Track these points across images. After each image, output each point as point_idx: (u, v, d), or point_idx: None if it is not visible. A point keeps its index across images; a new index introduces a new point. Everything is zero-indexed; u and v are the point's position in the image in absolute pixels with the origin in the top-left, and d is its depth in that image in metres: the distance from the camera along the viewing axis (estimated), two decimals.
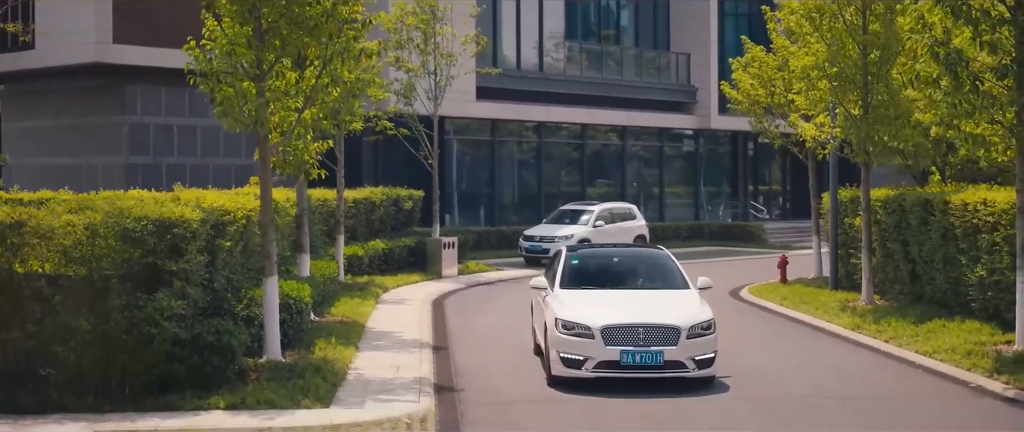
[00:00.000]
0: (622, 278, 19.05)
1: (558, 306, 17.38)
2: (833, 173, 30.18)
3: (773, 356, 20.33)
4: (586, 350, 16.55)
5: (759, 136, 36.02)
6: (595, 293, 18.18)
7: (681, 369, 16.57)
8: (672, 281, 18.72)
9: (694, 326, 16.73)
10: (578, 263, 19.24)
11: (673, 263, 19.26)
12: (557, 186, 50.84)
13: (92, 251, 14.99)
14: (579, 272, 18.89)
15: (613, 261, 19.72)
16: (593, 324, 16.63)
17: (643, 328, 16.52)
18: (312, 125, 18.32)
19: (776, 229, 55.13)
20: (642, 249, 22.08)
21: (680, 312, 16.99)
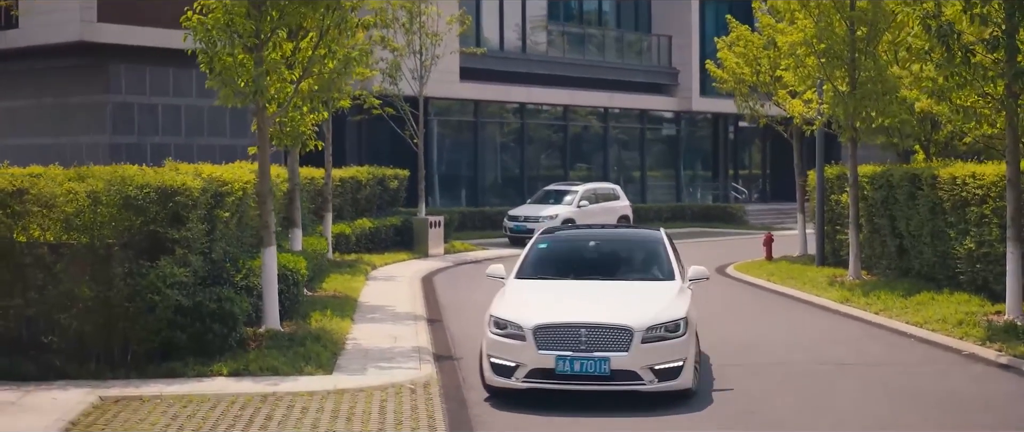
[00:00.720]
0: (594, 266, 15.69)
1: (498, 300, 14.54)
2: (819, 150, 30.35)
3: (764, 328, 20.49)
4: (517, 355, 13.50)
5: (742, 117, 36.27)
6: (554, 284, 15.00)
7: (633, 381, 13.39)
8: (656, 270, 15.41)
9: (654, 327, 13.44)
10: (546, 248, 15.99)
11: (664, 249, 15.78)
12: (539, 168, 50.96)
13: (94, 219, 15.02)
14: (543, 259, 15.72)
15: (589, 246, 16.47)
16: (525, 323, 13.54)
17: (586, 329, 13.37)
18: (308, 96, 18.35)
19: (757, 211, 55.41)
20: (632, 231, 19.10)
21: (640, 309, 13.77)
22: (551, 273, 15.42)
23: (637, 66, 54.90)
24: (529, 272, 15.41)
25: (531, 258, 15.70)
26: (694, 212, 53.45)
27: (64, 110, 37.99)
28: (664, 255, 15.65)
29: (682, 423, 12.91)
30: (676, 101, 55.62)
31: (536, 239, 16.29)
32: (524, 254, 15.78)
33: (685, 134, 57.55)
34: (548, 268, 15.55)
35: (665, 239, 16.14)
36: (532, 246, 15.97)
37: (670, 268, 15.35)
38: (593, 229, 19.41)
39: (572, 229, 18.73)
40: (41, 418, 12.52)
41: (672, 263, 15.43)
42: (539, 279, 15.20)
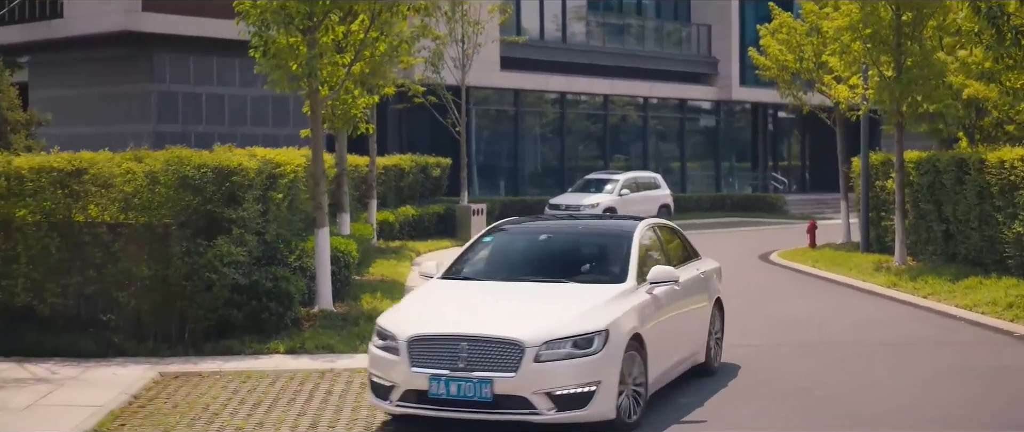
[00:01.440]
0: (539, 266, 12.91)
1: (398, 304, 12.77)
2: (864, 135, 30.27)
3: (812, 310, 20.50)
4: (392, 372, 11.13)
5: (782, 107, 36.18)
6: (478, 286, 12.51)
7: (523, 410, 10.78)
8: (609, 271, 12.58)
9: (554, 341, 10.80)
10: (490, 242, 13.60)
11: (628, 246, 12.80)
12: (578, 159, 50.99)
13: (152, 198, 15.20)
14: (482, 256, 13.38)
15: (540, 240, 13.64)
16: (401, 333, 11.15)
17: (467, 342, 10.84)
18: (359, 79, 18.47)
19: (797, 201, 55.27)
20: (604, 224, 14.86)
21: (543, 318, 11.17)
22: (485, 273, 12.91)
23: (676, 56, 54.87)
24: (459, 271, 12.96)
25: (468, 255, 13.32)
26: (734, 202, 53.38)
27: (109, 99, 38.29)
28: (625, 253, 12.64)
29: (725, 404, 12.95)
30: (715, 91, 55.57)
31: (484, 231, 13.94)
32: (463, 249, 13.50)
33: (724, 124, 57.51)
34: (484, 267, 13.11)
35: (639, 234, 13.06)
36: (475, 240, 13.68)
37: (625, 268, 12.39)
38: (558, 221, 15.96)
39: (532, 221, 14.87)
40: (105, 392, 12.69)
41: (631, 263, 12.44)
42: (467, 280, 12.71)
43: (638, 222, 13.56)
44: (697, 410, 12.28)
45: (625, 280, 12.18)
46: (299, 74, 17.19)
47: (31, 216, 15.16)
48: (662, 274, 12.40)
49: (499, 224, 14.18)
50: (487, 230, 13.94)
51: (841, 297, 22.71)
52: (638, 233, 13.05)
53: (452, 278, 12.78)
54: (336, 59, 17.72)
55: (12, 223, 15.16)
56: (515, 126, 48.46)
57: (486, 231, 13.90)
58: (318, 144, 17.50)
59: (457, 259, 13.21)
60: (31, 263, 15.14)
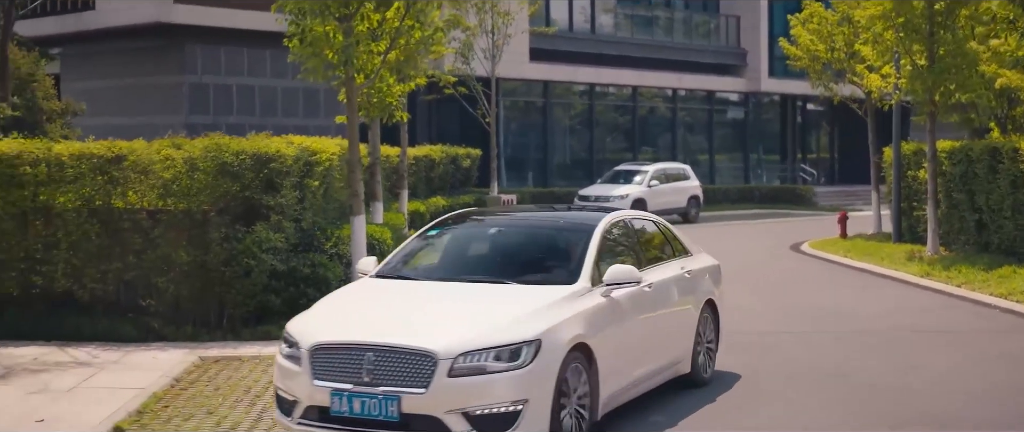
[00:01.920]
0: (484, 264, 11.55)
1: (314, 306, 11.14)
2: (896, 124, 30.21)
3: (846, 299, 20.48)
4: (295, 386, 9.82)
5: (810, 99, 36.11)
6: (406, 287, 11.07)
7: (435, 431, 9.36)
8: (560, 270, 10.97)
9: (473, 353, 9.36)
10: (434, 236, 12.17)
11: (586, 242, 11.22)
12: (606, 151, 51.01)
13: (191, 185, 15.30)
14: (423, 251, 12.02)
15: (489, 236, 12.16)
16: (305, 340, 9.84)
17: (374, 352, 9.46)
18: (395, 67, 18.53)
19: (826, 193, 55.18)
20: (562, 217, 12.75)
21: (466, 325, 9.71)
22: (423, 271, 11.52)
23: (705, 47, 54.85)
24: (395, 269, 11.53)
25: (407, 250, 11.93)
26: (762, 194, 53.33)
27: (140, 91, 38.47)
28: (581, 251, 11.07)
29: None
30: (744, 82, 55.52)
31: (430, 225, 12.57)
32: (404, 243, 12.16)
33: (753, 115, 57.44)
34: (424, 264, 11.76)
35: (603, 229, 11.49)
36: (418, 234, 12.35)
37: (577, 268, 10.81)
38: (516, 215, 13.77)
39: (486, 215, 13.22)
40: (146, 375, 12.80)
41: (586, 261, 10.89)
42: (401, 279, 11.29)
43: (605, 215, 11.98)
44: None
45: (576, 281, 10.57)
46: (335, 62, 17.23)
47: (71, 202, 15.29)
48: (620, 274, 10.67)
49: (452, 215, 12.80)
50: (436, 222, 12.44)
51: (874, 286, 22.68)
52: (602, 227, 11.44)
53: (385, 277, 11.31)
54: (371, 47, 17.75)
55: (52, 209, 15.30)
56: (544, 118, 48.52)
57: (434, 223, 12.44)
58: (354, 132, 17.54)
59: (395, 254, 11.80)
60: (71, 249, 15.27)
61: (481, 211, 13.31)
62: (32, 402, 11.50)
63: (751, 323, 17.15)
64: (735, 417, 11.36)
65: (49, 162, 15.28)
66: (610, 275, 10.66)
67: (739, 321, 17.11)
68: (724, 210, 47.49)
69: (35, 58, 24.15)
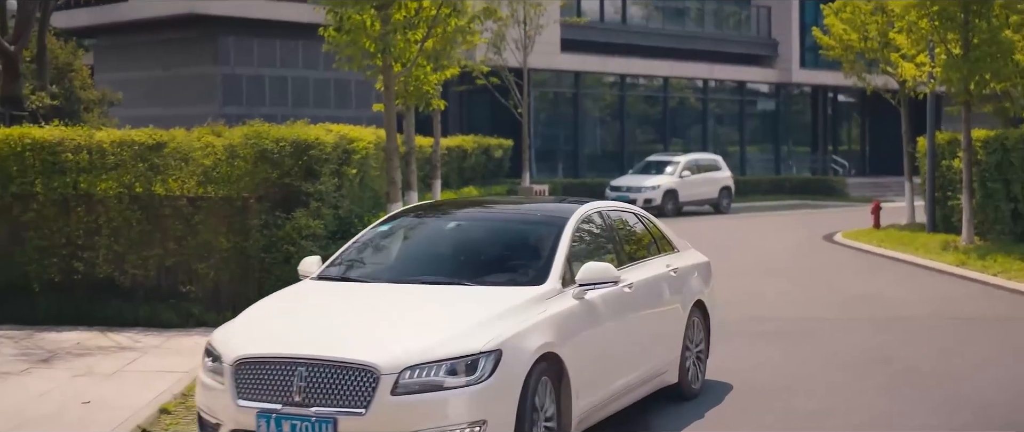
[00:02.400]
0: (438, 263, 10.08)
1: (242, 314, 9.58)
2: (930, 114, 30.11)
3: (882, 287, 20.45)
4: (217, 406, 8.57)
5: (844, 88, 36.01)
6: (351, 290, 9.66)
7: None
8: (527, 269, 9.57)
9: (419, 366, 8.03)
10: (388, 231, 10.68)
11: (556, 238, 9.84)
12: (637, 142, 51.01)
13: (231, 172, 15.38)
14: (372, 249, 10.48)
15: (447, 231, 10.66)
16: (227, 353, 8.49)
17: (305, 367, 8.14)
18: (432, 55, 18.59)
19: (857, 184, 55.05)
20: (530, 210, 11.28)
21: (414, 335, 8.34)
22: (372, 272, 10.05)
23: (736, 37, 54.80)
24: (340, 269, 10.12)
25: (355, 248, 10.45)
26: (794, 185, 53.23)
27: (174, 82, 38.66)
28: (551, 247, 9.69)
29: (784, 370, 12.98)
30: (775, 73, 55.43)
31: (383, 218, 11.23)
32: (352, 240, 10.70)
33: (784, 106, 57.33)
34: (372, 264, 10.26)
35: (575, 222, 10.15)
36: (371, 228, 10.93)
37: (546, 267, 9.45)
38: (478, 208, 11.91)
39: (446, 207, 11.52)
40: (189, 359, 12.87)
41: (555, 259, 9.52)
42: (346, 281, 9.86)
43: (578, 207, 10.52)
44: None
45: (544, 281, 9.23)
46: (372, 50, 17.31)
47: (112, 189, 15.39)
48: (595, 273, 9.34)
49: (406, 209, 11.40)
50: (388, 216, 11.11)
51: (909, 275, 22.63)
52: (574, 220, 10.11)
53: (328, 279, 9.93)
54: (408, 36, 17.83)
55: (94, 196, 15.41)
56: (574, 109, 48.55)
57: (386, 217, 11.05)
58: (391, 120, 17.63)
59: (342, 253, 10.37)
60: (112, 235, 15.38)
61: (441, 203, 11.72)
62: (77, 385, 11.60)
63: (788, 310, 17.18)
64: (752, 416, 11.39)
65: (90, 149, 15.40)
66: (583, 274, 9.31)
67: (776, 308, 17.15)
68: (755, 201, 47.43)
69: (72, 48, 24.34)
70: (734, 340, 14.43)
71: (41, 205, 15.37)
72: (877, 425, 10.30)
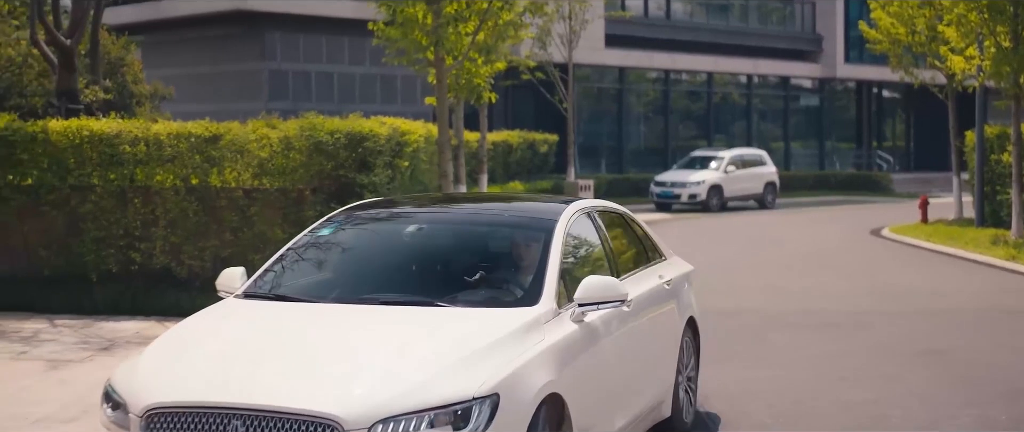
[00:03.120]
0: (398, 277, 8.09)
1: (149, 347, 7.40)
2: (979, 108, 29.98)
3: (932, 281, 20.39)
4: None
5: (889, 83, 35.87)
6: (289, 312, 7.60)
7: None
8: (513, 286, 7.79)
9: (399, 418, 6.18)
10: (331, 234, 8.54)
11: (545, 245, 7.93)
12: (680, 138, 50.97)
13: (286, 164, 15.52)
14: (312, 258, 8.36)
15: (407, 235, 8.57)
16: (135, 399, 6.55)
17: (244, 418, 6.25)
18: (483, 48, 18.68)
19: (902, 179, 54.80)
20: (509, 210, 9.25)
21: (384, 374, 6.45)
22: (312, 288, 7.93)
23: (780, 32, 54.66)
24: (272, 285, 7.95)
25: (290, 256, 8.28)
26: (838, 181, 53.03)
27: (220, 78, 38.92)
28: (540, 257, 7.79)
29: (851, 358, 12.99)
30: (820, 68, 55.26)
31: (320, 222, 8.76)
32: (283, 249, 8.39)
33: (828, 101, 57.16)
34: (312, 278, 8.12)
35: (564, 226, 8.17)
36: (306, 233, 8.63)
37: (538, 283, 7.53)
38: (440, 207, 9.59)
39: (401, 205, 9.43)
40: None
41: (547, 273, 7.60)
42: (280, 300, 7.74)
43: (565, 206, 8.56)
44: None
45: (537, 301, 7.28)
46: (424, 44, 17.42)
47: (169, 181, 15.56)
48: (598, 290, 7.41)
49: (354, 206, 9.15)
50: (327, 218, 8.78)
51: (959, 269, 22.55)
52: (563, 224, 8.14)
53: (258, 296, 7.76)
54: (460, 28, 17.93)
55: (151, 188, 15.58)
56: (618, 104, 48.59)
57: (327, 218, 8.77)
58: (444, 113, 17.74)
59: (273, 262, 8.17)
60: (169, 226, 15.54)
61: (394, 201, 9.57)
62: None
63: (839, 303, 17.18)
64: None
65: (148, 141, 15.56)
66: (585, 291, 7.39)
67: (827, 301, 17.16)
68: (799, 197, 47.30)
69: (124, 42, 24.55)
70: (786, 332, 14.46)
71: (99, 197, 15.55)
72: (935, 416, 10.30)
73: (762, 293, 18.38)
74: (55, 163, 15.49)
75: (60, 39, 17.68)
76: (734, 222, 34.89)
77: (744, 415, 10.25)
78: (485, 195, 12.37)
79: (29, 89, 21.23)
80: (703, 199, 39.39)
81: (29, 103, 20.72)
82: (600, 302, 7.42)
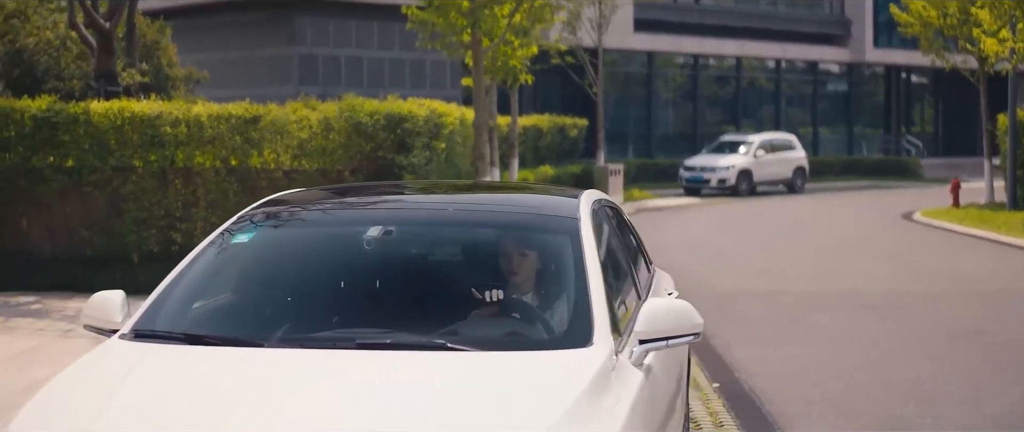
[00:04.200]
0: (363, 304, 5.43)
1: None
2: (1012, 90, 29.89)
3: (967, 264, 20.36)
4: None
5: (917, 68, 35.70)
6: (199, 366, 4.72)
7: None
8: (541, 314, 5.32)
9: None
10: (252, 241, 5.79)
11: (573, 252, 5.40)
12: (708, 124, 50.88)
13: (325, 145, 15.62)
14: (230, 276, 5.66)
15: (369, 242, 5.69)
16: None
17: None
18: (519, 29, 18.73)
19: (931, 165, 54.59)
20: (501, 202, 6.66)
21: None
22: (241, 322, 5.42)
23: (808, 16, 54.48)
24: (175, 319, 5.28)
25: (195, 275, 5.59)
26: (867, 166, 52.85)
27: (250, 63, 39.00)
28: (569, 272, 5.39)
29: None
30: (848, 52, 55.06)
31: (231, 223, 6.02)
32: (185, 262, 5.71)
33: (857, 86, 56.98)
34: (237, 304, 5.56)
35: (589, 222, 5.76)
36: (214, 237, 5.94)
37: (583, 312, 5.07)
38: (404, 198, 6.91)
39: (346, 196, 6.97)
40: None
41: (591, 294, 5.15)
42: (193, 344, 5.02)
43: (576, 198, 6.16)
44: None
45: (590, 339, 4.89)
46: (461, 26, 17.49)
47: (209, 162, 15.66)
48: (669, 319, 5.05)
49: (268, 202, 6.31)
50: (240, 217, 6.07)
51: (995, 253, 22.50)
52: (588, 223, 5.74)
53: (155, 338, 5.12)
54: (496, 11, 17.98)
55: (192, 168, 15.68)
56: (647, 89, 48.55)
57: (239, 218, 6.05)
58: (480, 93, 17.80)
59: (171, 284, 5.49)
60: (210, 207, 15.65)
61: (341, 190, 7.97)
62: None
63: (875, 285, 17.22)
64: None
65: (188, 123, 15.66)
66: (650, 321, 4.99)
67: (863, 282, 17.19)
68: (828, 182, 47.19)
69: (160, 25, 24.67)
70: (825, 313, 14.50)
71: (140, 178, 15.65)
72: (980, 393, 10.33)
73: (799, 276, 18.41)
74: (97, 144, 15.58)
75: (99, 22, 17.76)
76: (764, 207, 34.87)
77: (790, 392, 10.30)
78: (463, 185, 9.82)
79: (67, 72, 21.36)
80: (732, 184, 39.35)
81: (67, 86, 20.85)
82: (671, 337, 4.98)
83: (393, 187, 8.31)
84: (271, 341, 4.99)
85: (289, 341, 5.01)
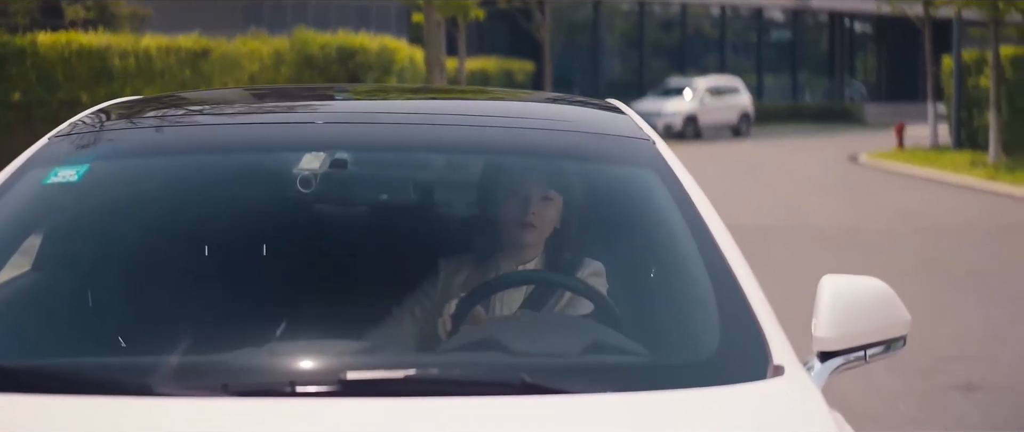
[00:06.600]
0: (313, 305, 2.89)
1: None
2: (956, 30, 30.04)
3: (916, 201, 20.48)
4: None
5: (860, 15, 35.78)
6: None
7: None
8: (620, 334, 2.86)
9: None
10: (87, 181, 2.91)
11: (680, 208, 3.13)
12: (656, 68, 50.85)
13: (276, 78, 15.46)
14: (59, 253, 3.09)
15: (303, 189, 3.03)
16: None
17: None
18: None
19: (874, 111, 54.88)
20: (540, 125, 3.49)
21: None
22: (81, 344, 2.81)
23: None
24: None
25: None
26: (811, 111, 53.04)
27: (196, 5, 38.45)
28: (676, 233, 3.14)
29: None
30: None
31: (37, 148, 3.08)
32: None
33: (800, 35, 57.13)
34: (76, 317, 2.93)
35: (671, 154, 3.36)
36: (7, 184, 2.92)
37: (738, 316, 2.79)
38: (358, 101, 4.02)
39: (255, 97, 4.03)
40: None
41: (737, 281, 2.92)
42: (30, 392, 2.32)
43: (618, 111, 3.87)
44: None
45: (767, 364, 2.65)
46: None
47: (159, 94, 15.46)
48: (865, 307, 3.00)
49: (128, 101, 3.80)
50: (63, 129, 3.24)
51: (941, 191, 22.66)
52: (664, 144, 3.49)
53: None
54: None
55: None
56: (594, 34, 48.41)
57: (59, 131, 3.24)
58: (432, 28, 17.61)
59: None
60: None
61: (241, 92, 5.84)
62: None
63: (831, 220, 17.37)
64: None
65: (137, 55, 15.45)
66: (840, 312, 2.98)
67: (819, 218, 17.29)
68: (773, 127, 47.29)
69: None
70: (784, 245, 14.55)
71: None
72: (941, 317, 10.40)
73: (754, 211, 18.41)
74: (44, 77, 15.34)
75: None
76: (714, 151, 34.89)
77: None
78: (432, 90, 7.18)
79: (12, 8, 21.01)
80: (679, 129, 39.38)
81: (12, 21, 20.50)
82: (869, 345, 3.05)
83: (342, 91, 5.35)
84: (162, 379, 2.43)
85: (199, 378, 2.47)
